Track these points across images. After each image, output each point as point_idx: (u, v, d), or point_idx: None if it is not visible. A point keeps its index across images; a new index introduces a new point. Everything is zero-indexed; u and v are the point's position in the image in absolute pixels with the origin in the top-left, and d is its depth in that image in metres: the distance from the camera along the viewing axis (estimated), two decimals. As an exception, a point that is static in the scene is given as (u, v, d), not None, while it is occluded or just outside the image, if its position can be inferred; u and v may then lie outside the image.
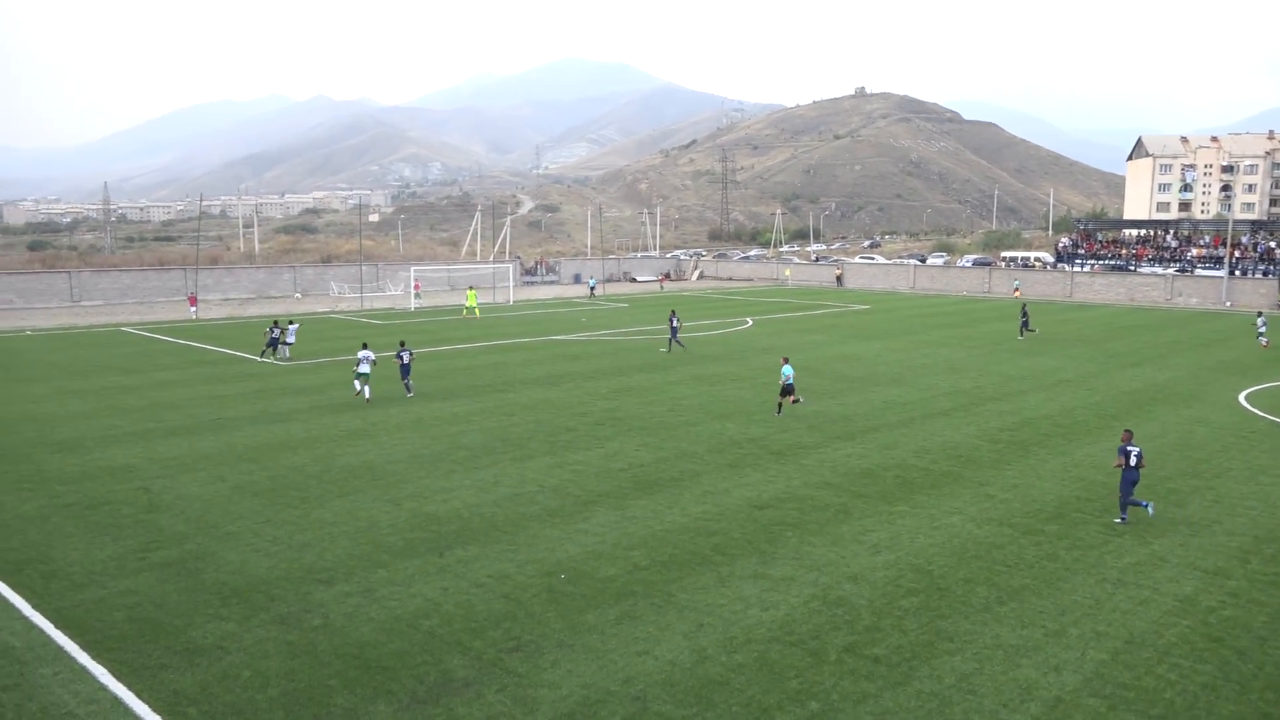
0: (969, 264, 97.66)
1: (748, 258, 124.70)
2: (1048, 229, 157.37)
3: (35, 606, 14.27)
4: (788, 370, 28.29)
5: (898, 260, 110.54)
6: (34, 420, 27.50)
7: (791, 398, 27.95)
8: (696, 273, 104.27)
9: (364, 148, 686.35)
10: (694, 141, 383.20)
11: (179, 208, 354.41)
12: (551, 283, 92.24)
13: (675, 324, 42.71)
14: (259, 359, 39.75)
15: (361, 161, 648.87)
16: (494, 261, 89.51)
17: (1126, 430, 18.57)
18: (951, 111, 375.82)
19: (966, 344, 45.03)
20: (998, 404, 29.73)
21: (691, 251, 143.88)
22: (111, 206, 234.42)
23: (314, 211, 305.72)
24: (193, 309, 59.14)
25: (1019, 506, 19.26)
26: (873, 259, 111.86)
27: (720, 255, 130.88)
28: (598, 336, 47.49)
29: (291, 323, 41.65)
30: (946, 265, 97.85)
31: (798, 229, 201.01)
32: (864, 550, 16.66)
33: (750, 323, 54.86)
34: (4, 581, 15.22)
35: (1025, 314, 49.43)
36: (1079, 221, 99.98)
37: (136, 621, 13.74)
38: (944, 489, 20.40)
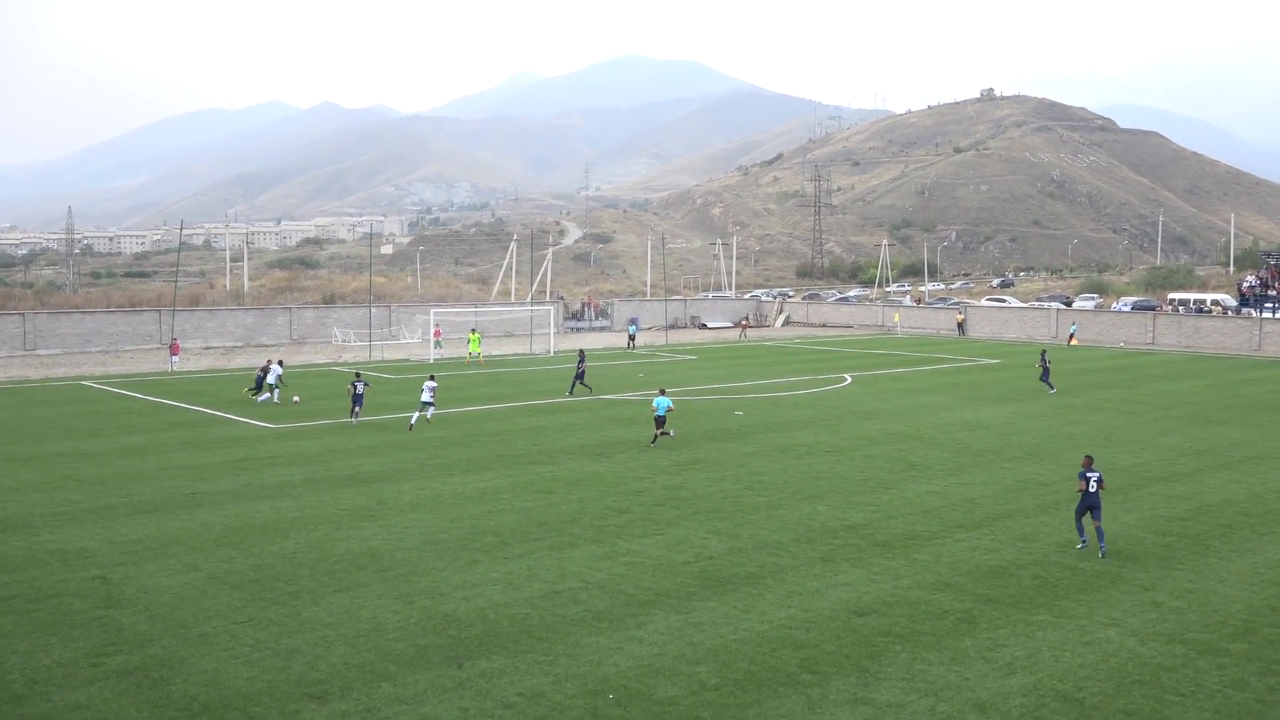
0: (1127, 308, 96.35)
1: (846, 299, 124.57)
2: (1227, 264, 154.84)
3: (-33, 721, 14.48)
4: (662, 401, 34.17)
5: (1036, 303, 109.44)
6: (-25, 493, 28.19)
7: (661, 430, 33.97)
8: (781, 317, 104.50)
9: (378, 165, 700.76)
10: (779, 156, 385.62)
11: (155, 237, 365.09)
12: (602, 329, 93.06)
13: (582, 366, 48.52)
14: (252, 395, 46.28)
15: (374, 181, 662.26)
16: (532, 303, 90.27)
17: (1087, 456, 22.90)
18: (1103, 118, 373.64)
19: (1125, 409, 44.24)
20: (1166, 486, 29.05)
21: (776, 291, 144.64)
22: (76, 236, 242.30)
23: (316, 242, 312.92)
24: (174, 358, 60.55)
25: (1194, 618, 18.69)
26: (1004, 301, 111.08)
27: (811, 296, 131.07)
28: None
29: (280, 362, 47.58)
30: (1099, 309, 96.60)
31: (908, 264, 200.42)
32: (994, 671, 16.26)
33: (849, 380, 54.73)
34: (-69, 690, 15.50)
35: (1045, 362, 50.10)
36: (1268, 255, 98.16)
37: (87, 743, 13.83)
38: (1097, 594, 19.94)
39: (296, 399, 44.94)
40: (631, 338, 76.61)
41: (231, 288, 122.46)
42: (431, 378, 40.20)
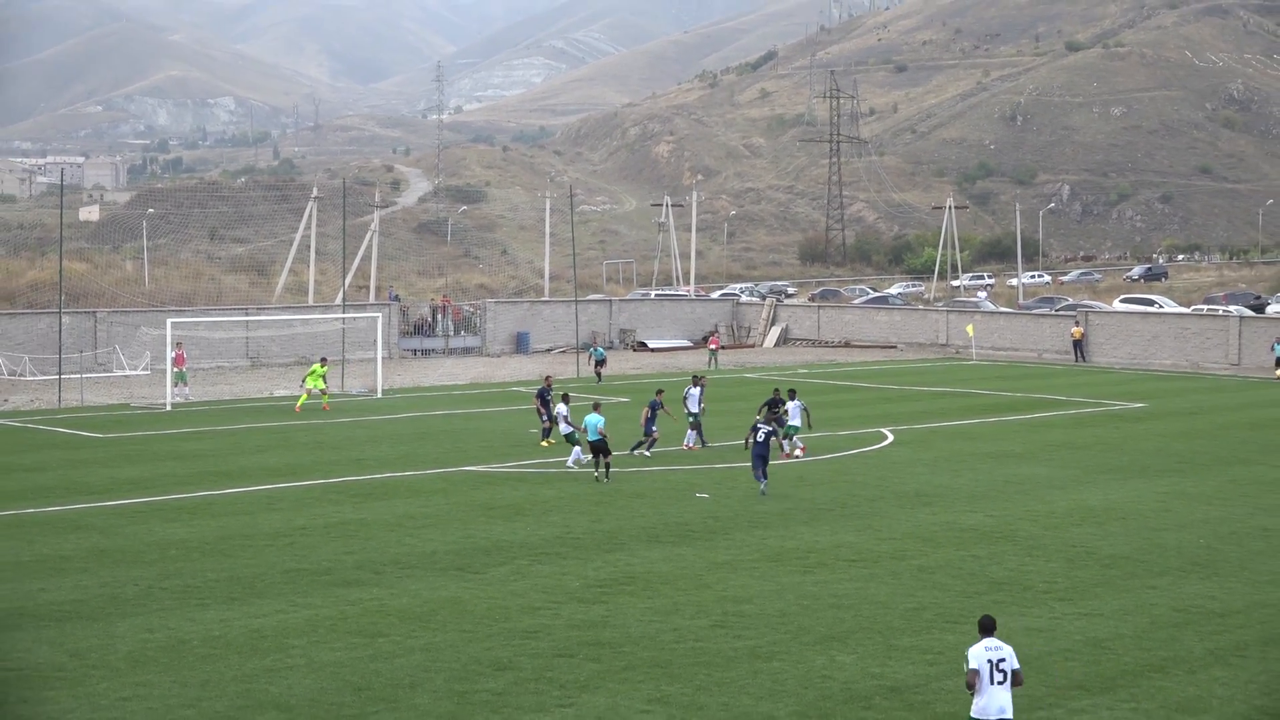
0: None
1: (884, 300, 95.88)
2: None
3: None
4: (593, 420, 32.46)
5: (1204, 306, 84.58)
6: None
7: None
8: (775, 331, 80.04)
9: (72, 66, 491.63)
10: (771, 56, 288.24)
11: None
12: (467, 350, 71.46)
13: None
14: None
15: (66, 96, 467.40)
16: (343, 307, 68.41)
17: (770, 409, 30.00)
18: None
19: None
20: None
21: (765, 287, 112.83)
22: None
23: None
24: None
25: None
26: (1150, 303, 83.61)
27: (825, 294, 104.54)
28: (562, 468, 36.55)
29: (564, 396, 36.45)
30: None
31: (990, 240, 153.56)
32: None
33: (889, 439, 42.43)
34: None
35: (776, 405, 36.51)
36: None
37: None
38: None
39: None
40: (599, 364, 56.78)
41: None
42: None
